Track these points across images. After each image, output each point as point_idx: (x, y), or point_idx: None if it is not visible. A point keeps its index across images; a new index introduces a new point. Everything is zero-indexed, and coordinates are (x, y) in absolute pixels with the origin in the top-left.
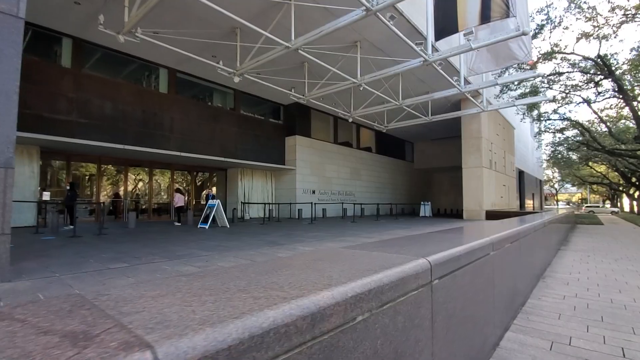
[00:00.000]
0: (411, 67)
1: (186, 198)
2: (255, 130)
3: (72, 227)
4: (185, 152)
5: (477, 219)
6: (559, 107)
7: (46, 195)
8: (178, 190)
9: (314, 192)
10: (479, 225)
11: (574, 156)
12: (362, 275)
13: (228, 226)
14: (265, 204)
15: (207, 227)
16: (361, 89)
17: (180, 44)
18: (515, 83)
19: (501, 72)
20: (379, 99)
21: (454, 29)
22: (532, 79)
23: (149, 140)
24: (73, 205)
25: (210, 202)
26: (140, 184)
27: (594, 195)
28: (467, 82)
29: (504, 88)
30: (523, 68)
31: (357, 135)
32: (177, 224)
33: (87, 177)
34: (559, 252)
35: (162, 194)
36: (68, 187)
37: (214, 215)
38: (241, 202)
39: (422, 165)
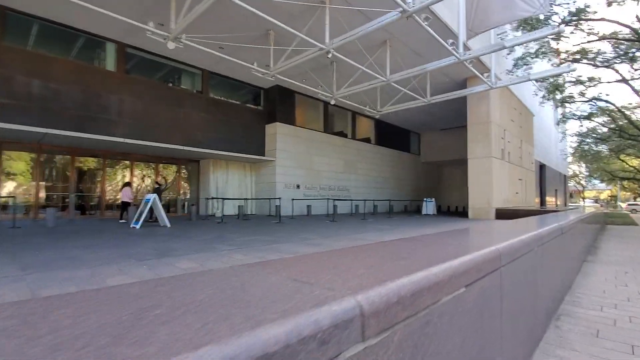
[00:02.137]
0: (387, 22)
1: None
2: (228, 116)
3: None
4: (137, 139)
5: (485, 218)
6: (587, 87)
7: None
8: (127, 184)
9: (298, 186)
10: (433, 240)
11: (603, 148)
12: None
13: (169, 225)
14: (224, 199)
15: (137, 226)
16: (329, 55)
17: (113, 8)
18: (532, 51)
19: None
20: (366, 77)
21: None
22: (549, 38)
23: (90, 125)
24: None
25: (146, 196)
26: (92, 176)
27: (624, 193)
28: (467, 49)
29: (519, 62)
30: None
31: (353, 124)
32: (121, 221)
33: (29, 169)
34: (585, 265)
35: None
36: None
37: (153, 213)
38: (205, 198)
39: (429, 158)
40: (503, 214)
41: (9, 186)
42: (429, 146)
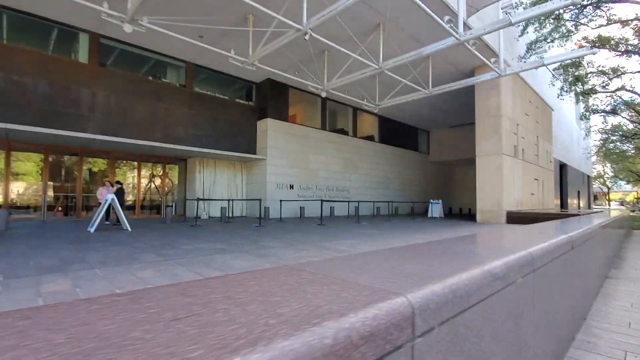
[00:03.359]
0: None
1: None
2: (216, 112)
3: None
4: (112, 136)
5: (495, 222)
6: (610, 79)
7: None
8: (105, 184)
9: (292, 186)
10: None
11: (629, 147)
12: None
13: (129, 229)
14: (198, 200)
15: (92, 230)
16: (307, 37)
17: None
18: (546, 32)
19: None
20: (360, 66)
21: None
22: (565, 20)
23: (58, 120)
24: None
25: (107, 196)
26: (69, 175)
27: None
28: (468, 28)
29: (532, 46)
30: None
31: (354, 121)
32: (106, 222)
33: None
34: (607, 282)
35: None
36: None
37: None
38: (186, 199)
39: (439, 157)
40: (515, 218)
41: None
42: (439, 144)
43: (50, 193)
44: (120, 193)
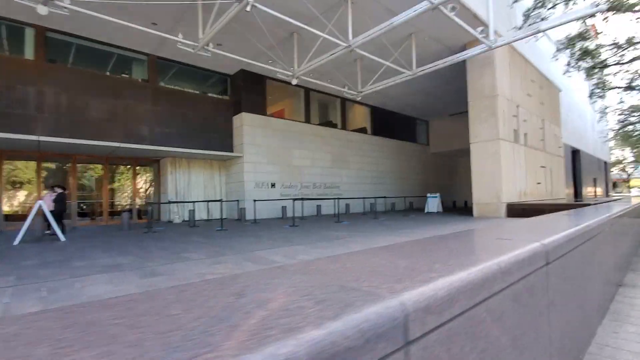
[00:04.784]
0: None
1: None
2: (185, 108)
3: None
4: (62, 137)
5: (494, 215)
6: (626, 48)
7: None
8: (49, 189)
9: (273, 185)
10: None
11: None
12: None
13: (63, 239)
14: (169, 202)
15: (17, 242)
16: (248, 8)
17: None
18: None
19: None
20: (330, 47)
21: None
22: None
23: (1, 122)
24: None
25: (36, 202)
26: (27, 181)
27: None
28: None
29: (529, 13)
30: None
31: (343, 112)
32: (47, 232)
33: None
34: (620, 293)
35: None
36: None
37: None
38: (147, 202)
39: (439, 148)
40: (518, 210)
41: None
42: (439, 134)
43: (17, 201)
44: (60, 200)
